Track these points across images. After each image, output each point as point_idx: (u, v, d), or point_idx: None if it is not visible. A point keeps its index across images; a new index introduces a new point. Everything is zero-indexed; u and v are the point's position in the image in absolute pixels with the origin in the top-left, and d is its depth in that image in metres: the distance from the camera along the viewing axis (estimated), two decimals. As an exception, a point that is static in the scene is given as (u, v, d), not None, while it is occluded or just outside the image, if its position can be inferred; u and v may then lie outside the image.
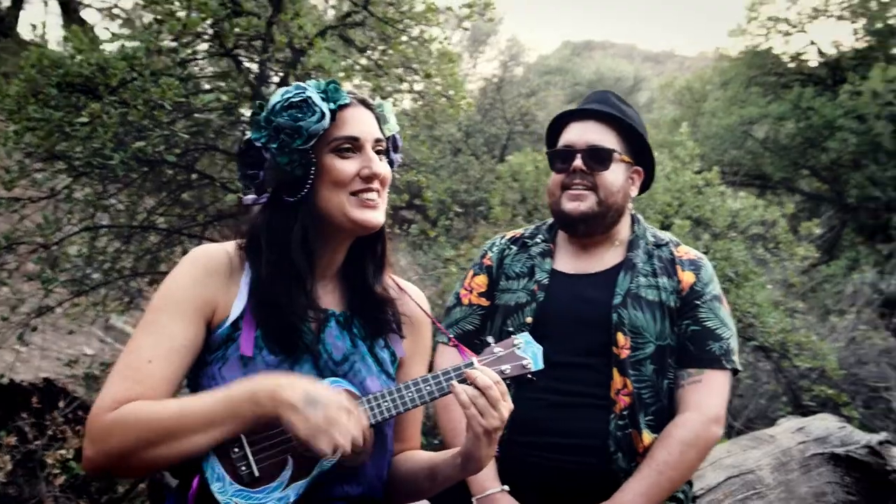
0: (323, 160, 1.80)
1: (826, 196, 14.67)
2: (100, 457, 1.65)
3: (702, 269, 2.60)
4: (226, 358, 1.77)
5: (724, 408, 2.52)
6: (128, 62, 3.88)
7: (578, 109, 2.68)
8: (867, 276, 9.53)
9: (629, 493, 2.35)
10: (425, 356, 2.11)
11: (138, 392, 1.68)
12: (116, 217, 5.24)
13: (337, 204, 1.81)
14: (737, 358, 2.55)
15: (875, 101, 12.31)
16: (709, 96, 16.08)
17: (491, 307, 2.71)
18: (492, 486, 2.43)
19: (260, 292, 1.80)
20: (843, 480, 3.68)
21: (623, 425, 2.43)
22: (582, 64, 29.22)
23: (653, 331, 2.50)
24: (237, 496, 1.69)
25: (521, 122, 15.75)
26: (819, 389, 5.66)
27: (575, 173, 2.57)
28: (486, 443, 1.75)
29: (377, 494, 1.92)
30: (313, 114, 1.75)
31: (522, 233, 2.84)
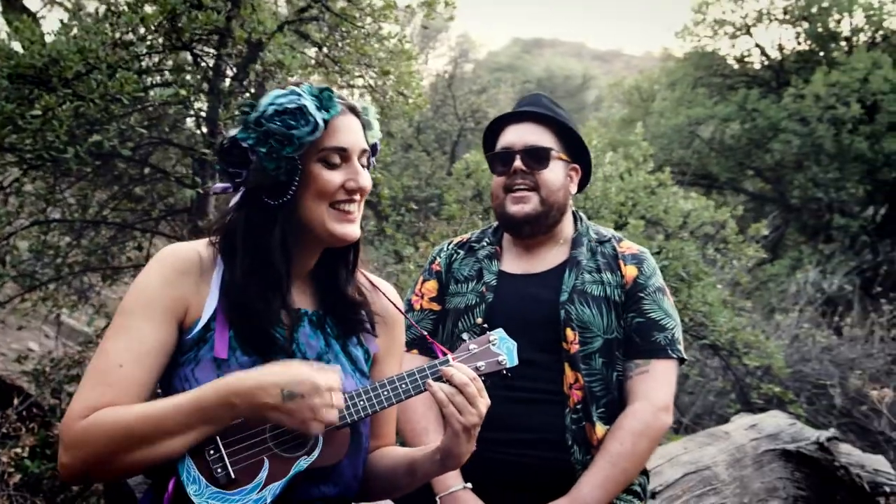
0: (309, 168, 1.77)
1: (769, 196, 15.00)
2: (76, 463, 1.63)
3: (644, 263, 2.68)
4: (198, 359, 1.74)
5: (672, 396, 2.59)
6: (83, 55, 3.79)
7: (514, 112, 2.74)
8: (810, 276, 9.77)
9: (586, 486, 2.40)
10: (399, 353, 2.11)
11: (110, 397, 1.65)
12: (67, 211, 5.12)
13: (318, 215, 1.79)
14: (681, 347, 2.62)
15: (817, 105, 12.62)
16: (657, 96, 16.33)
17: (442, 311, 2.76)
18: (455, 484, 2.47)
19: (234, 294, 1.77)
20: (793, 476, 3.79)
21: (577, 419, 2.49)
22: (532, 61, 29.48)
23: (600, 325, 2.56)
24: (213, 498, 1.67)
25: (472, 119, 15.82)
26: (767, 387, 5.80)
27: (516, 174, 2.64)
28: (466, 439, 1.77)
29: (352, 494, 1.92)
30: (307, 123, 1.72)
31: (469, 237, 2.91)
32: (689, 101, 14.78)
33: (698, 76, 15.75)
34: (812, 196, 13.02)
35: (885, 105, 12.41)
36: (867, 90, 12.46)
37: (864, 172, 12.77)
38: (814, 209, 13.55)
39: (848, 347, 8.64)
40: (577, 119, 23.35)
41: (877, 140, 12.43)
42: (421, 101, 5.52)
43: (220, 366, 1.74)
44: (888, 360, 8.41)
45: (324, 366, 1.72)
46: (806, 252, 11.91)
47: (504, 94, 19.23)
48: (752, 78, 15.81)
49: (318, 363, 1.81)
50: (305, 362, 1.71)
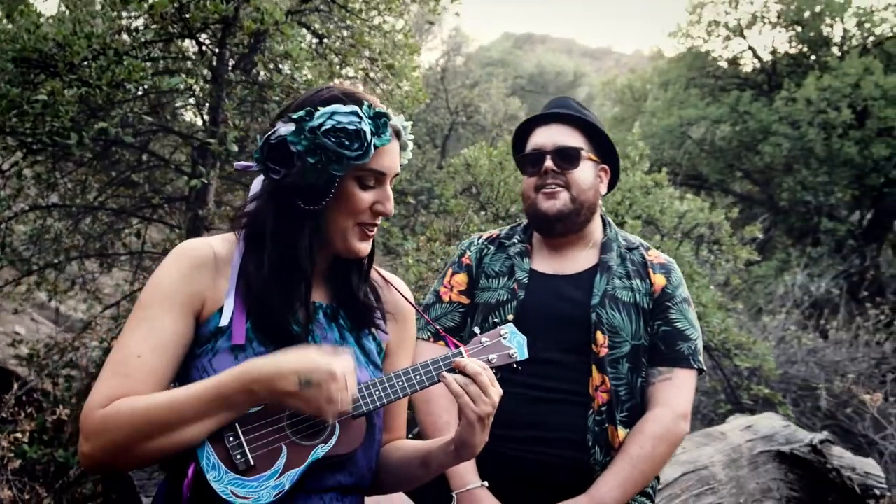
0: (345, 184, 1.81)
1: (757, 198, 15.10)
2: (97, 453, 1.64)
3: (672, 273, 2.71)
4: (216, 350, 1.76)
5: (691, 404, 2.63)
6: (90, 41, 3.79)
7: (543, 114, 2.77)
8: (798, 279, 9.85)
9: (605, 486, 2.43)
10: (411, 347, 2.14)
11: (129, 387, 1.67)
12: (66, 197, 5.11)
13: (342, 229, 1.83)
14: (702, 358, 2.67)
15: (808, 109, 12.71)
16: (649, 96, 16.39)
17: (471, 305, 2.78)
18: (472, 482, 2.48)
19: (257, 286, 1.80)
20: (786, 477, 3.84)
21: (600, 421, 2.51)
22: (523, 57, 29.46)
23: (629, 330, 2.59)
24: (232, 484, 1.69)
25: (463, 113, 15.83)
26: (757, 388, 5.86)
27: (546, 174, 2.67)
28: (480, 429, 1.80)
29: (366, 484, 1.95)
30: (360, 148, 1.75)
31: (499, 233, 2.92)
32: (681, 101, 14.84)
33: (691, 77, 15.82)
34: (801, 199, 13.12)
35: (875, 111, 12.51)
36: (858, 95, 12.55)
37: (853, 177, 12.87)
38: (802, 212, 13.65)
39: (833, 350, 8.73)
40: (567, 116, 23.44)
41: (866, 145, 12.53)
42: (421, 95, 5.53)
43: (237, 355, 1.75)
44: (872, 364, 8.51)
45: (338, 349, 1.76)
46: (794, 255, 12.00)
47: (496, 88, 19.26)
48: (744, 80, 15.89)
49: (331, 350, 1.85)
50: (320, 348, 1.74)
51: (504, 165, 6.12)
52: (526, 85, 25.59)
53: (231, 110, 4.04)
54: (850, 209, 14.33)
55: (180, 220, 5.66)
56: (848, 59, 13.09)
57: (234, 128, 4.17)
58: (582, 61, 37.57)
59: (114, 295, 6.40)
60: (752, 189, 15.51)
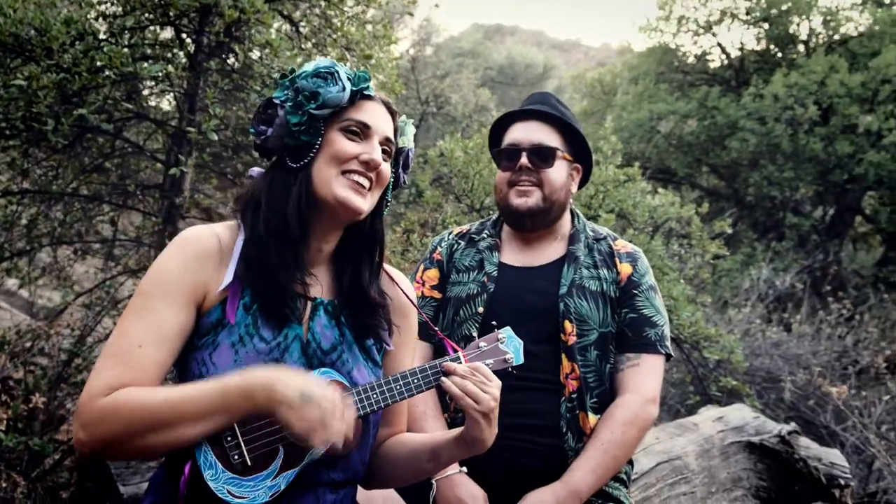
0: (329, 134, 1.85)
1: (723, 193, 15.29)
2: (93, 441, 1.65)
3: (638, 261, 2.79)
4: (216, 344, 1.77)
5: (659, 389, 2.70)
6: (69, 26, 3.75)
7: (522, 110, 2.83)
8: (763, 273, 10.02)
9: (578, 472, 2.49)
10: (412, 343, 2.16)
11: (130, 377, 1.68)
12: (38, 183, 5.05)
13: (326, 178, 1.84)
14: (669, 343, 2.74)
15: (775, 105, 12.88)
16: (618, 90, 16.51)
17: (443, 299, 2.83)
18: (450, 468, 2.53)
19: (253, 251, 1.82)
20: (756, 467, 3.94)
21: (572, 407, 2.58)
22: (493, 48, 29.48)
23: (596, 319, 2.66)
24: (229, 484, 1.71)
25: (434, 104, 15.84)
26: (725, 380, 5.97)
27: (521, 170, 2.74)
28: (486, 424, 1.85)
29: (359, 478, 1.98)
30: (335, 84, 1.81)
31: (468, 228, 2.99)
32: (650, 96, 14.97)
33: (660, 72, 15.95)
34: (766, 194, 13.31)
35: (839, 108, 12.72)
36: (824, 93, 12.75)
37: (817, 173, 13.08)
38: (767, 207, 13.85)
39: (796, 343, 8.90)
40: (537, 108, 23.49)
41: (830, 142, 12.74)
42: (397, 86, 5.54)
43: (237, 351, 1.76)
44: (833, 357, 8.69)
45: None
46: (759, 249, 12.18)
47: (466, 80, 19.27)
48: (712, 76, 16.06)
49: (337, 357, 1.88)
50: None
51: (479, 157, 6.15)
52: (496, 76, 25.65)
53: (211, 98, 4.02)
54: (814, 205, 14.57)
55: (153, 208, 5.62)
56: (814, 57, 13.29)
57: (212, 116, 4.16)
58: (551, 53, 37.68)
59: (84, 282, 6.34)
60: (719, 184, 15.70)
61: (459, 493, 2.48)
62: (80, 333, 4.95)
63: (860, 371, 8.22)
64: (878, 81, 12.73)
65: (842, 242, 14.06)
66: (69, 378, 4.75)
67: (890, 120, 12.38)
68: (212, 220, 6.32)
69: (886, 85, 12.68)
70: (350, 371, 1.88)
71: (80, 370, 4.79)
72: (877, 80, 12.72)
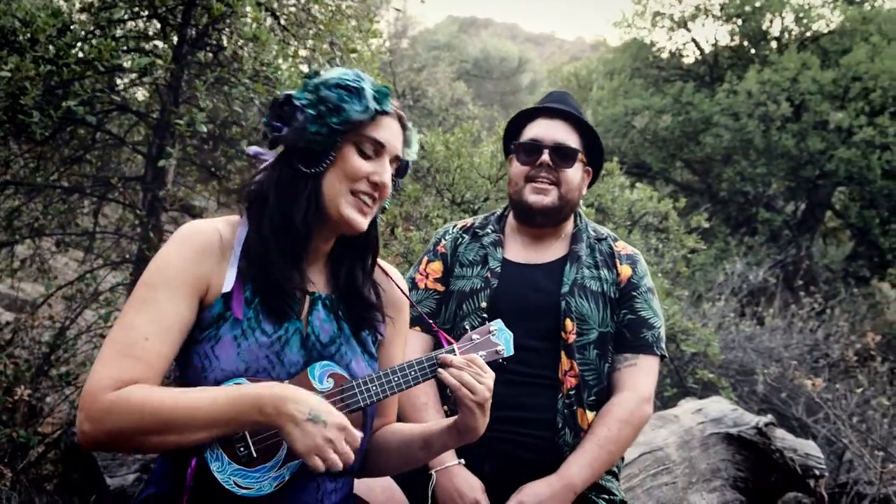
0: (344, 149, 1.86)
1: (696, 188, 15.44)
2: (98, 434, 1.67)
3: (637, 264, 2.85)
4: (218, 337, 1.80)
5: (654, 388, 2.77)
6: (56, 17, 3.74)
7: (547, 107, 2.85)
8: (737, 267, 10.15)
9: (575, 466, 2.56)
10: (404, 336, 2.21)
11: (138, 370, 1.70)
12: (19, 175, 5.01)
13: (335, 194, 1.87)
14: (664, 344, 2.81)
15: (749, 101, 13.03)
16: (594, 84, 16.60)
17: (446, 292, 2.87)
18: (449, 460, 2.59)
19: (257, 248, 1.84)
20: (734, 458, 4.02)
21: (569, 403, 2.64)
22: (468, 41, 29.46)
23: (596, 318, 2.72)
24: (235, 475, 1.74)
25: (411, 97, 15.83)
26: (702, 373, 6.07)
27: (541, 167, 2.77)
28: (480, 414, 1.90)
29: (357, 468, 2.04)
30: (360, 103, 1.82)
31: (472, 222, 3.02)
32: (625, 91, 15.07)
33: (635, 67, 16.06)
34: (739, 189, 13.46)
35: (811, 105, 12.89)
36: (796, 90, 12.91)
37: (789, 169, 13.24)
38: (740, 202, 14.02)
39: (769, 337, 9.03)
40: (512, 102, 23.22)
41: (802, 138, 12.91)
42: (380, 80, 5.56)
43: (239, 344, 1.79)
44: (805, 350, 8.84)
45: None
46: (732, 243, 12.33)
47: (443, 73, 19.29)
48: (686, 71, 16.20)
49: (336, 350, 1.92)
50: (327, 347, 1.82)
51: (459, 152, 6.19)
52: (471, 70, 25.66)
53: (200, 90, 4.03)
54: (786, 200, 14.76)
55: (134, 200, 5.60)
56: (787, 54, 13.45)
57: (200, 109, 4.16)
58: (525, 46, 37.71)
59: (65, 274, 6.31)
60: (692, 178, 15.86)
61: (458, 484, 2.54)
62: (60, 326, 4.94)
63: (831, 364, 8.37)
64: (849, 79, 12.92)
65: (813, 237, 14.27)
66: (48, 371, 4.73)
67: (860, 117, 12.57)
68: (190, 213, 6.32)
69: (857, 82, 12.86)
70: (349, 363, 1.93)
71: (61, 363, 4.78)
72: (847, 77, 12.90)
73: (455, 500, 2.53)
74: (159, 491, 1.85)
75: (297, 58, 5.04)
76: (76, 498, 3.91)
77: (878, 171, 12.38)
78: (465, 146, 6.25)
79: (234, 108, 5.03)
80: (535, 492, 2.49)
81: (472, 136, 6.41)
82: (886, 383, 7.46)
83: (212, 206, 6.71)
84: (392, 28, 22.99)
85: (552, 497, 2.49)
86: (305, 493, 1.85)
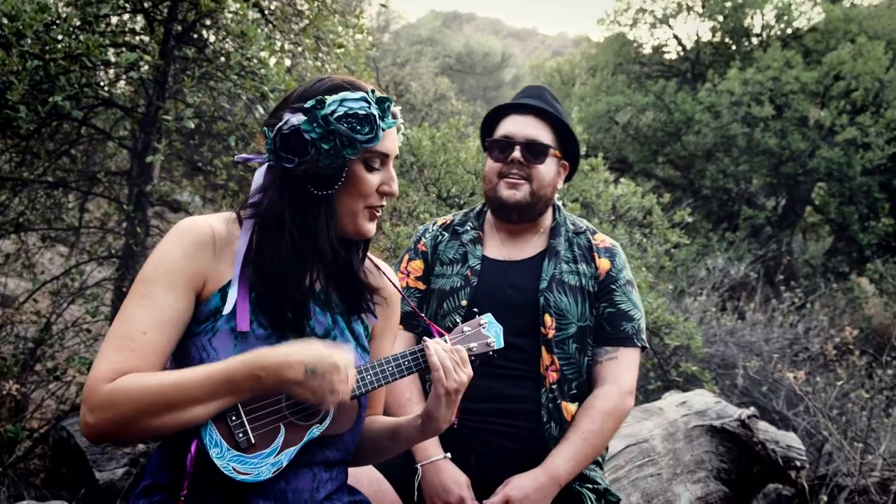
0: (353, 168, 1.89)
1: (678, 183, 15.54)
2: (102, 424, 1.70)
3: (616, 257, 2.88)
4: (216, 329, 1.83)
5: (636, 380, 2.82)
6: (43, 12, 3.73)
7: (518, 103, 2.89)
8: (719, 262, 10.24)
9: (559, 459, 2.60)
10: (394, 331, 2.25)
11: (134, 362, 1.73)
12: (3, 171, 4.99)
13: (353, 212, 1.92)
14: (645, 336, 2.85)
15: (731, 101, 13.11)
16: (577, 80, 16.66)
17: (427, 290, 2.91)
18: (435, 454, 2.63)
19: (270, 266, 1.86)
20: (717, 450, 4.08)
21: (553, 398, 2.68)
22: (451, 36, 29.50)
23: (575, 313, 2.75)
24: (234, 461, 1.78)
25: (394, 92, 15.84)
26: (685, 366, 6.13)
27: (512, 163, 2.80)
28: (446, 403, 1.95)
29: (350, 458, 2.08)
30: (371, 131, 1.83)
31: (452, 219, 3.05)
32: (608, 87, 15.13)
33: (617, 62, 16.13)
34: (722, 186, 13.56)
35: (794, 103, 12.99)
36: (779, 89, 13.00)
37: (771, 166, 13.35)
38: (722, 199, 14.12)
39: (750, 331, 9.13)
40: (495, 97, 23.23)
41: (784, 136, 13.01)
42: (367, 74, 5.58)
43: (237, 336, 1.83)
44: (785, 344, 8.94)
45: (339, 344, 1.86)
46: (714, 239, 12.43)
47: (426, 67, 19.29)
48: (668, 68, 16.29)
49: (331, 342, 1.95)
50: (322, 341, 1.83)
51: (445, 147, 6.22)
52: (454, 64, 25.69)
53: (189, 86, 4.03)
54: (767, 195, 14.88)
55: (120, 195, 5.59)
56: (770, 52, 13.54)
57: (186, 105, 4.17)
58: (508, 42, 37.81)
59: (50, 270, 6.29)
60: (674, 174, 15.95)
61: (444, 479, 2.57)
62: (46, 321, 4.93)
63: (811, 358, 8.47)
64: (831, 77, 13.03)
65: (793, 233, 14.40)
66: (34, 366, 4.74)
67: (842, 116, 12.68)
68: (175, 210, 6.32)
69: (840, 81, 12.97)
70: None
71: (48, 358, 4.78)
72: (830, 76, 13.01)
73: (441, 494, 2.56)
74: (157, 481, 1.88)
75: (284, 52, 5.06)
76: (65, 492, 3.92)
77: (858, 168, 12.50)
78: (452, 141, 6.28)
79: (221, 103, 5.04)
80: (521, 485, 2.53)
81: (458, 132, 6.45)
82: (865, 377, 7.56)
83: (197, 201, 6.71)
84: (374, 22, 22.97)
85: (537, 490, 2.53)
86: (301, 481, 1.89)
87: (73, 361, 4.35)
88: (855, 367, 7.47)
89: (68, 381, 4.72)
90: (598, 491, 2.73)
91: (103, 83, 4.94)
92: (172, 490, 1.83)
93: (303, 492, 1.89)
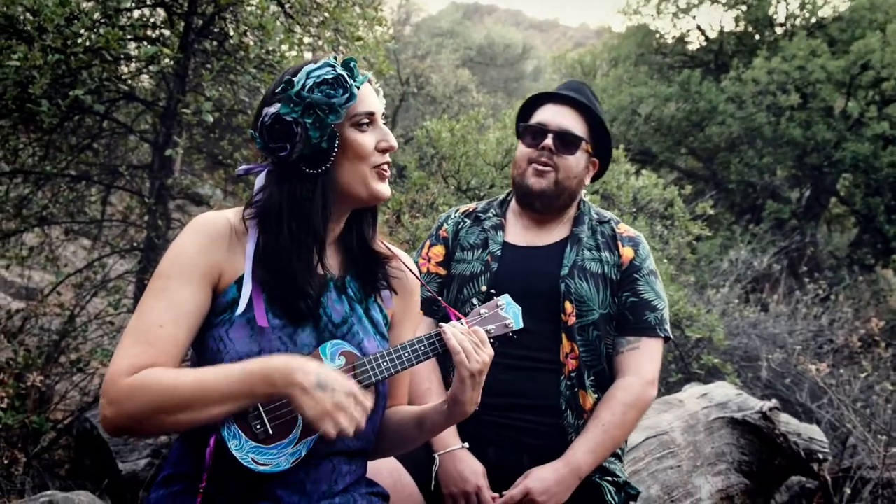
0: (345, 134, 1.89)
1: (701, 175, 15.42)
2: (119, 418, 1.72)
3: (640, 246, 2.86)
4: (232, 321, 1.85)
5: (658, 371, 2.79)
6: (63, 7, 3.76)
7: (557, 93, 2.88)
8: (742, 254, 10.15)
9: (580, 451, 2.59)
10: (415, 319, 2.25)
11: (152, 355, 1.76)
12: (27, 165, 5.05)
13: (361, 176, 1.92)
14: (668, 326, 2.82)
15: (756, 90, 12.95)
16: (598, 72, 16.56)
17: (448, 276, 2.90)
18: (453, 443, 2.63)
19: (275, 261, 1.87)
20: (738, 442, 4.05)
21: (571, 386, 2.67)
22: (472, 28, 29.41)
23: (596, 300, 2.73)
24: (253, 452, 1.79)
25: (415, 84, 15.82)
26: (707, 358, 6.09)
27: (543, 150, 2.79)
28: (471, 385, 1.93)
29: (371, 447, 2.08)
30: (344, 91, 1.84)
31: (475, 207, 3.05)
32: (630, 78, 15.02)
33: (640, 53, 16.00)
34: (746, 178, 13.42)
35: (820, 93, 12.81)
36: (805, 79, 12.84)
37: (795, 157, 13.20)
38: (747, 191, 13.99)
39: (773, 323, 9.05)
40: (516, 89, 23.11)
41: (808, 126, 12.86)
42: (385, 66, 5.58)
43: (252, 328, 1.84)
44: (809, 336, 8.86)
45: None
46: (737, 231, 12.30)
47: (446, 59, 19.25)
48: (690, 58, 16.14)
49: (348, 330, 1.96)
50: (339, 329, 1.87)
51: (465, 139, 6.22)
52: (475, 57, 25.60)
53: (207, 80, 4.05)
54: (791, 187, 14.72)
55: (141, 188, 5.64)
56: (795, 41, 13.37)
57: (206, 98, 4.19)
58: (529, 33, 37.66)
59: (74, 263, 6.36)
60: (697, 166, 15.82)
61: (461, 468, 2.57)
62: (70, 313, 4.99)
63: (835, 350, 8.39)
64: (859, 67, 12.84)
65: (817, 224, 14.25)
66: (58, 358, 4.79)
67: (871, 107, 12.50)
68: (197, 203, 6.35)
69: (869, 71, 12.78)
70: (360, 342, 1.97)
71: (71, 350, 4.83)
72: (857, 65, 12.82)
73: (458, 484, 2.56)
74: (177, 471, 1.90)
75: (303, 45, 5.07)
76: (88, 483, 3.96)
77: (885, 160, 12.32)
78: (471, 133, 6.27)
79: (240, 96, 5.05)
80: (542, 477, 2.53)
81: (478, 124, 6.43)
82: (890, 369, 7.47)
83: (218, 194, 6.75)
84: (395, 15, 22.95)
85: (558, 482, 2.52)
86: (320, 472, 1.90)
87: (96, 353, 4.40)
88: (880, 359, 7.39)
89: (91, 372, 4.77)
90: (618, 483, 2.72)
91: (125, 77, 4.97)
92: (193, 479, 1.85)
93: (321, 483, 1.90)
